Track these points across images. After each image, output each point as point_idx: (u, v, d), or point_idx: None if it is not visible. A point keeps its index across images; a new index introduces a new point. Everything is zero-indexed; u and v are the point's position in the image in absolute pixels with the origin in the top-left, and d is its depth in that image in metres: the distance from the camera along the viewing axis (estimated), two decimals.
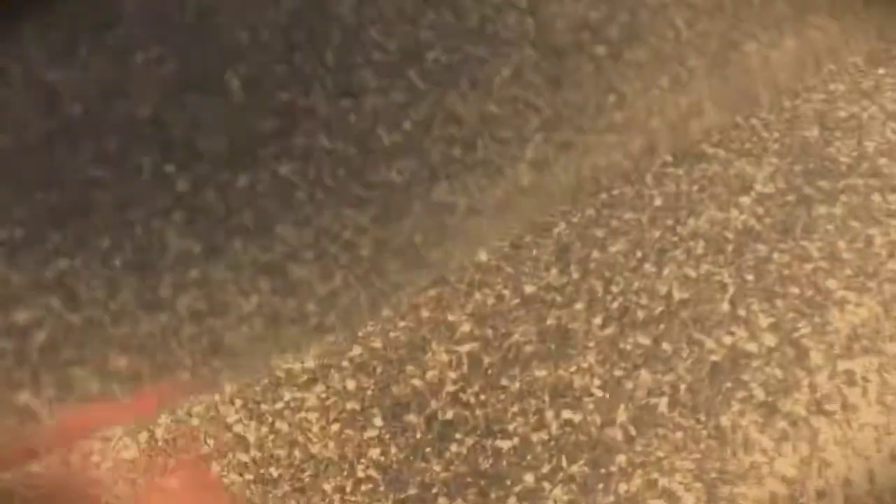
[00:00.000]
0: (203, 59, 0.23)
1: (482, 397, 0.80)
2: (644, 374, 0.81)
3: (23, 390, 0.24)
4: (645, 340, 0.83)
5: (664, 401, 0.79)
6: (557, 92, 0.31)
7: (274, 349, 0.29)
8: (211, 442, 0.76)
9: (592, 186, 0.91)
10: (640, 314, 0.84)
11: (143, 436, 0.76)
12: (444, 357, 0.82)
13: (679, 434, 0.77)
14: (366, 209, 0.25)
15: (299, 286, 0.25)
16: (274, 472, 0.75)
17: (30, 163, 0.20)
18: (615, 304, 0.85)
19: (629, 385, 0.80)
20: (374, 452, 0.76)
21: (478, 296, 0.85)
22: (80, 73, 0.20)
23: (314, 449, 0.76)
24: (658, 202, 0.91)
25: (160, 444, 0.76)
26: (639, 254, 0.88)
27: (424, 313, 0.85)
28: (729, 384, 0.79)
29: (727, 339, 0.82)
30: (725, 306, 0.84)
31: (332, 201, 0.24)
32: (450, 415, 0.79)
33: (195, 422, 0.77)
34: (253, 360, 0.29)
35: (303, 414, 0.78)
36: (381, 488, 0.74)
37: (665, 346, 0.83)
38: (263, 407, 0.78)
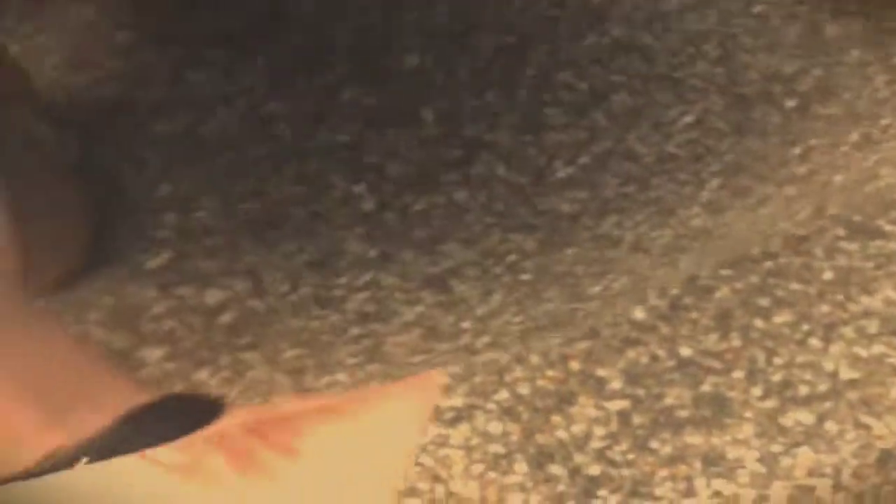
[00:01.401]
0: (403, 95, 0.25)
1: (630, 457, 0.78)
2: (805, 453, 0.77)
3: (203, 368, 0.26)
4: (807, 418, 0.79)
5: (826, 482, 0.75)
6: (741, 140, 0.32)
7: (425, 362, 0.31)
8: None
9: (759, 254, 0.90)
10: (804, 390, 0.81)
11: None
12: (592, 412, 0.81)
13: None
14: (532, 235, 0.26)
15: (459, 303, 0.27)
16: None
17: (238, 180, 0.22)
18: (777, 377, 0.82)
19: (787, 462, 0.77)
20: (516, 498, 0.76)
21: (631, 353, 0.84)
22: (293, 104, 0.23)
23: (455, 487, 0.77)
24: (828, 276, 0.88)
25: None
26: (805, 327, 0.84)
27: (574, 365, 0.85)
28: None
29: None
30: None
31: (500, 225, 0.26)
32: (595, 470, 0.78)
33: None
34: (405, 371, 0.31)
35: (447, 451, 0.79)
36: None
37: (829, 425, 0.79)
38: None
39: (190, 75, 0.23)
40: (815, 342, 0.84)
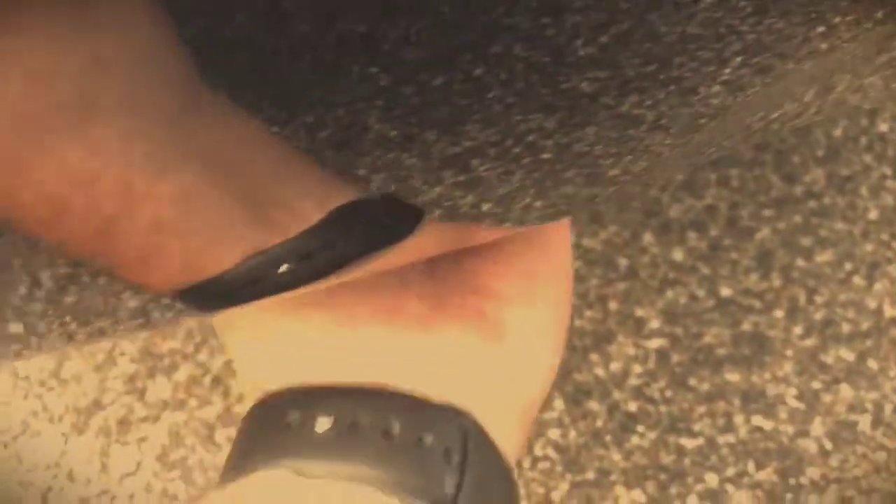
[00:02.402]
0: None
1: (668, 394, 0.79)
2: (845, 389, 0.77)
3: None
4: (849, 355, 0.79)
5: (866, 419, 0.75)
6: (764, 19, 0.31)
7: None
8: None
9: (801, 194, 0.89)
10: (846, 328, 0.81)
11: None
12: (631, 350, 0.82)
13: (881, 454, 0.73)
14: (553, 115, 0.26)
15: (479, 182, 0.27)
16: None
17: (255, 74, 0.23)
18: (818, 315, 0.82)
19: (828, 398, 0.77)
20: (554, 433, 0.78)
21: (670, 294, 0.85)
22: (308, 1, 0.24)
23: None
24: (873, 215, 0.87)
25: None
26: (848, 266, 0.84)
27: (612, 305, 0.86)
28: None
29: None
30: None
31: (520, 104, 0.26)
32: (633, 407, 0.79)
33: None
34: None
35: None
36: (559, 468, 0.76)
37: (871, 363, 0.79)
38: None
39: None
40: (858, 280, 0.84)
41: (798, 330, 0.82)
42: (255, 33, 0.26)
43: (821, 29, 0.36)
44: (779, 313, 0.83)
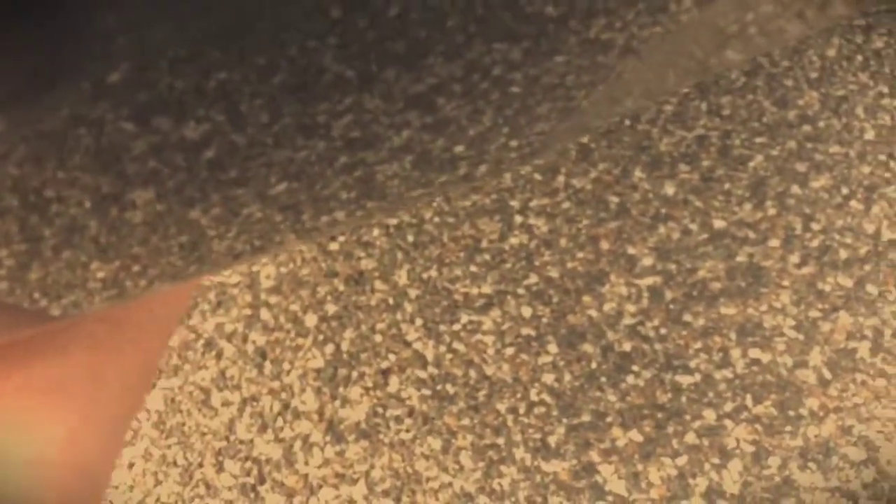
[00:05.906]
0: None
1: (662, 332, 0.79)
2: (844, 317, 0.77)
3: (194, 207, 0.27)
4: (847, 281, 0.79)
5: (865, 345, 0.75)
6: None
7: (424, 195, 0.31)
8: (392, 357, 0.81)
9: (795, 118, 0.88)
10: (843, 254, 0.80)
11: (330, 348, 0.83)
12: (624, 290, 0.82)
13: (881, 381, 0.73)
14: (518, 43, 0.25)
15: (448, 123, 0.26)
16: (450, 389, 0.78)
17: (189, 3, 0.22)
18: (815, 243, 0.81)
19: (826, 327, 0.77)
20: (549, 378, 0.78)
21: (662, 229, 0.84)
22: None
23: (489, 370, 0.79)
24: (870, 135, 0.86)
25: (344, 356, 0.82)
26: (844, 190, 0.83)
27: (604, 245, 0.85)
28: None
29: None
30: None
31: (483, 33, 0.25)
32: (627, 347, 0.79)
33: (378, 338, 0.82)
34: (403, 204, 0.31)
35: (479, 336, 0.81)
36: (555, 413, 0.76)
37: (870, 288, 0.78)
38: (442, 328, 0.82)
39: None
40: (855, 204, 0.83)
41: (794, 259, 0.81)
42: None
43: None
44: (774, 243, 0.82)
